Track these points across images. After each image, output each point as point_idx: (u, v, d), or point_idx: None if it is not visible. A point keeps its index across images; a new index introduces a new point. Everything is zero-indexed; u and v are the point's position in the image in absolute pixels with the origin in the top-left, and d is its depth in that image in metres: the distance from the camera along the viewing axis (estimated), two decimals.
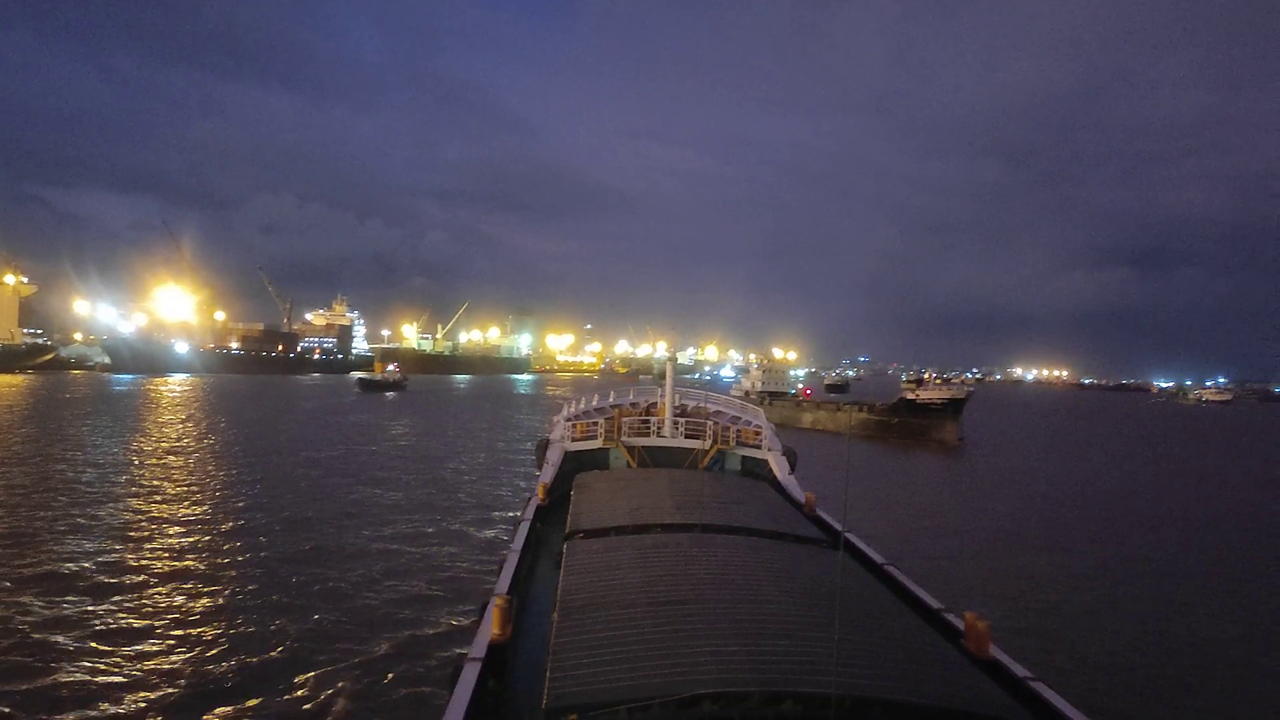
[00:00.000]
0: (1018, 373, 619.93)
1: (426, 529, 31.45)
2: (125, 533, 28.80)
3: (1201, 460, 77.89)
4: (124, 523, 30.29)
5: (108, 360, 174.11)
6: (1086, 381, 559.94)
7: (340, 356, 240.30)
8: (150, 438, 57.50)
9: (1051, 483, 54.49)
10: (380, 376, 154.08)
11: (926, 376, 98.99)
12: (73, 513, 31.48)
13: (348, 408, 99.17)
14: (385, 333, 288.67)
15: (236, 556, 26.38)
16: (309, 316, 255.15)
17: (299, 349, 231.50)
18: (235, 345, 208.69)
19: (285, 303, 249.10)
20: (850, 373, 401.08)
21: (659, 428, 25.64)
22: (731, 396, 36.26)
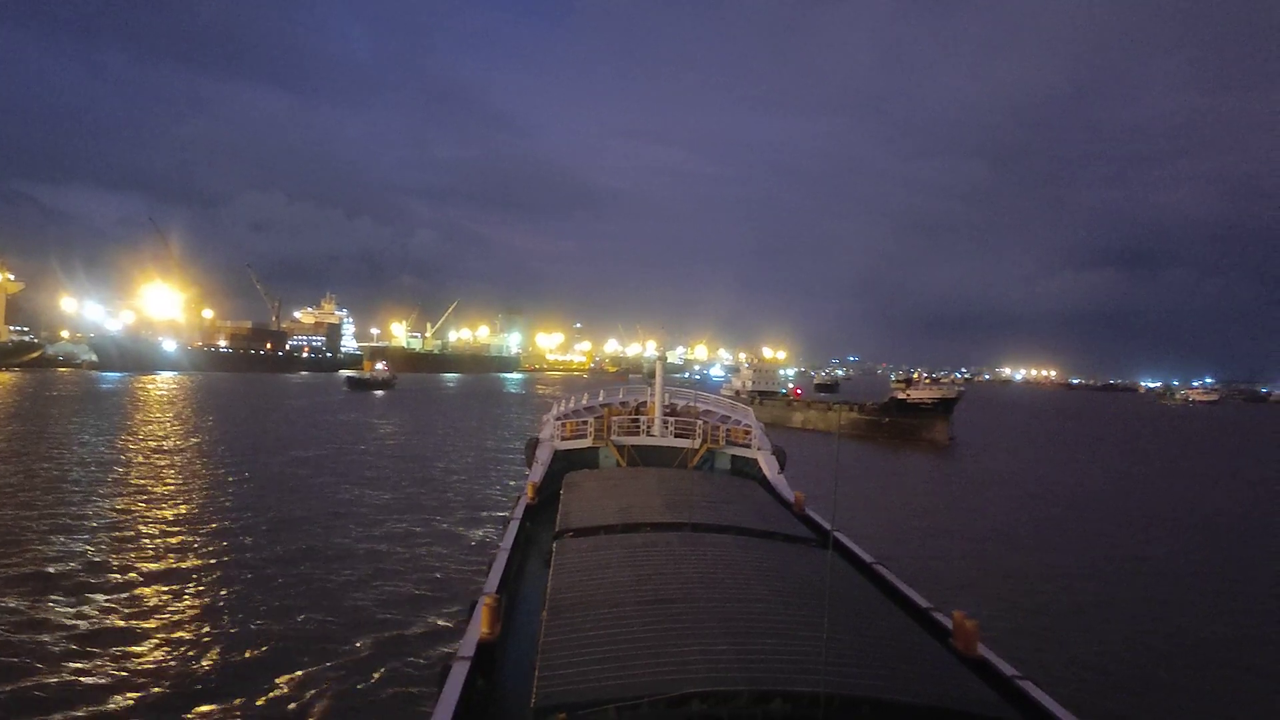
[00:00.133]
0: (1006, 373, 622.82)
1: (415, 528, 31.33)
2: (111, 532, 28.57)
3: (1190, 461, 78.37)
4: (109, 522, 30.06)
5: (95, 358, 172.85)
6: (1074, 381, 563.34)
7: (329, 355, 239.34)
8: (137, 436, 57.10)
9: (1041, 483, 54.71)
10: (369, 375, 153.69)
11: (915, 376, 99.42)
12: (58, 511, 31.22)
13: (336, 406, 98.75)
14: (374, 331, 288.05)
15: (223, 556, 26.21)
16: (297, 315, 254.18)
17: (288, 347, 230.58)
18: (223, 343, 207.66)
19: (274, 301, 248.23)
20: (840, 372, 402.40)
21: (649, 427, 25.64)
22: (722, 396, 36.29)
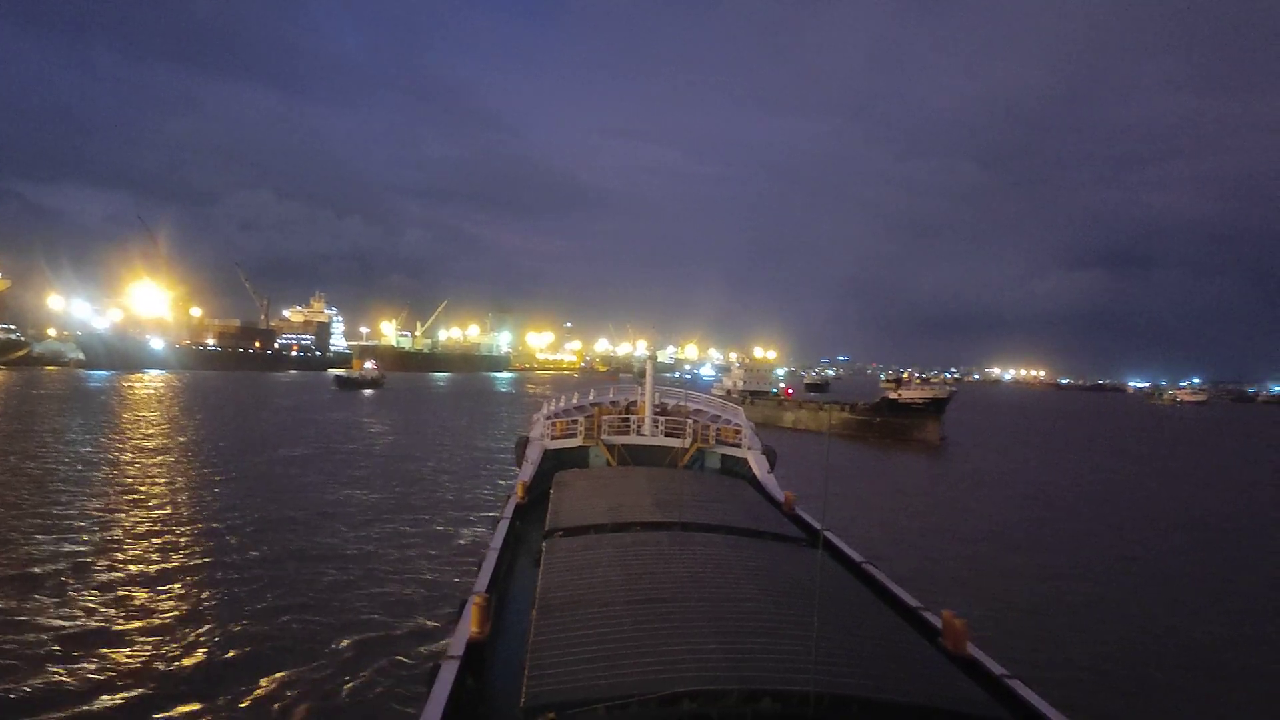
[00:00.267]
0: (995, 373, 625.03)
1: (404, 528, 31.21)
2: (96, 532, 28.32)
3: (1179, 461, 78.81)
4: (94, 521, 29.79)
5: (82, 356, 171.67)
6: (1064, 381, 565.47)
7: (318, 354, 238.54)
8: (124, 435, 56.67)
9: (1033, 483, 54.91)
10: (358, 374, 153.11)
11: (905, 376, 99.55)
12: (41, 511, 30.92)
13: (325, 405, 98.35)
14: (364, 330, 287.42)
15: (209, 556, 26.02)
16: (286, 313, 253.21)
17: (276, 346, 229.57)
18: (211, 342, 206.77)
19: (263, 299, 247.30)
20: (830, 372, 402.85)
21: (639, 426, 25.64)
22: (712, 395, 36.34)
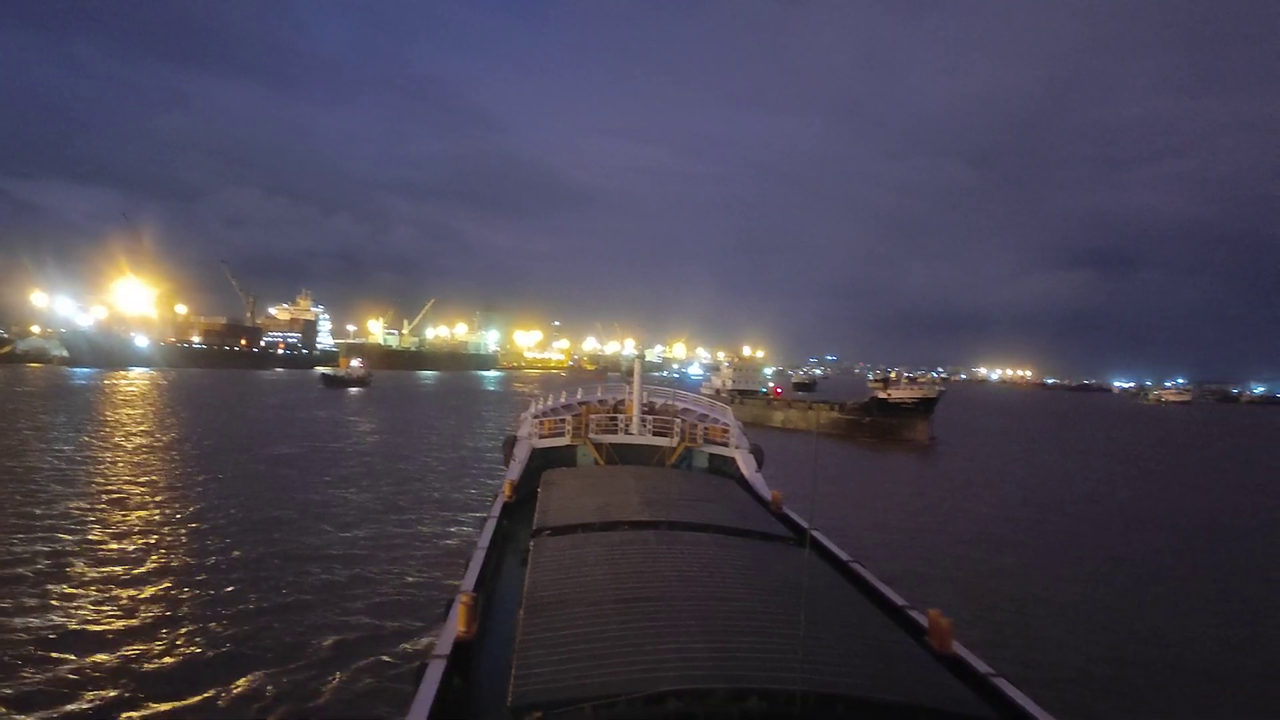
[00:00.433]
0: (982, 372, 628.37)
1: (390, 527, 31.10)
2: (76, 531, 28.06)
3: (1166, 461, 79.49)
4: (76, 521, 29.52)
5: (66, 354, 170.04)
6: (1050, 381, 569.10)
7: (305, 351, 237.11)
8: (107, 433, 56.20)
9: (1022, 483, 55.28)
10: (344, 372, 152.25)
11: (893, 375, 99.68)
12: (23, 510, 30.62)
13: (311, 403, 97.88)
14: (351, 328, 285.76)
15: (192, 557, 25.85)
16: (273, 311, 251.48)
17: (263, 343, 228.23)
18: (197, 339, 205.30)
19: (249, 297, 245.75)
20: (818, 372, 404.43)
21: (627, 425, 25.64)
22: (701, 394, 36.38)
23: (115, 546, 26.40)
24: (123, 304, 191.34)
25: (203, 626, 19.57)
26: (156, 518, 30.83)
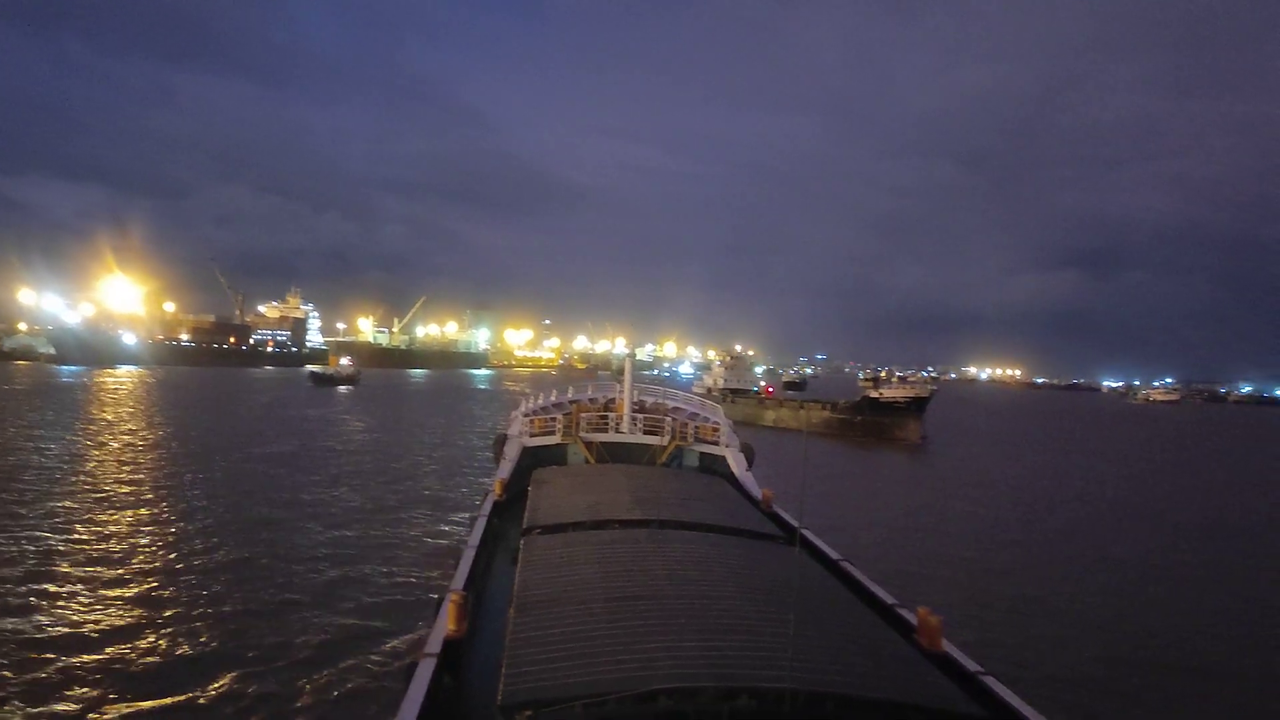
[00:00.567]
0: (972, 371, 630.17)
1: (380, 526, 30.98)
2: (62, 532, 27.85)
3: (1156, 460, 79.92)
4: (62, 521, 29.29)
5: (53, 351, 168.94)
6: (1039, 381, 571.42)
7: (294, 349, 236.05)
8: (94, 431, 55.79)
9: (1013, 482, 55.45)
10: (333, 370, 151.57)
11: (884, 375, 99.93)
12: (8, 510, 30.37)
13: (299, 402, 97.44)
14: (341, 326, 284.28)
15: (180, 556, 25.68)
16: (262, 309, 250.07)
17: (252, 341, 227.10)
18: (185, 337, 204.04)
19: (238, 294, 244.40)
20: (808, 370, 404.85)
21: (617, 424, 25.67)
22: (692, 393, 36.44)
23: (101, 546, 26.20)
24: (111, 301, 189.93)
25: (189, 626, 19.43)
26: (143, 517, 30.62)
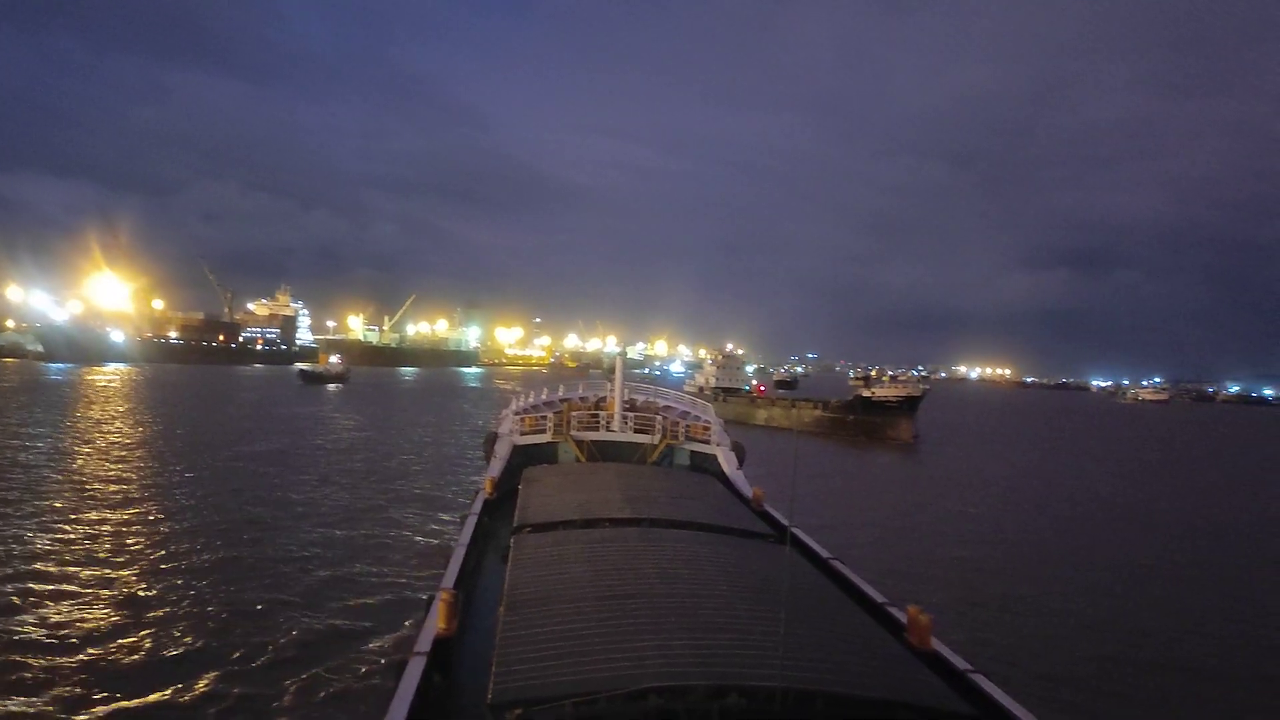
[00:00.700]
0: (963, 371, 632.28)
1: (370, 526, 30.88)
2: (48, 531, 27.67)
3: (1145, 459, 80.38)
4: (48, 519, 29.11)
5: (41, 348, 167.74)
6: (1029, 380, 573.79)
7: (284, 347, 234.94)
8: (82, 429, 55.41)
9: (1004, 481, 55.72)
10: (322, 368, 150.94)
11: (875, 373, 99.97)
12: None
13: (289, 400, 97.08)
14: (331, 324, 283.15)
15: (169, 557, 25.53)
16: (251, 306, 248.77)
17: (241, 339, 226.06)
18: (174, 335, 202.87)
19: (227, 292, 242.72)
20: (799, 369, 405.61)
21: (608, 422, 25.65)
22: (683, 392, 36.46)
23: (88, 545, 26.03)
24: (99, 299, 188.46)
25: (176, 626, 19.33)
26: (130, 516, 30.42)
